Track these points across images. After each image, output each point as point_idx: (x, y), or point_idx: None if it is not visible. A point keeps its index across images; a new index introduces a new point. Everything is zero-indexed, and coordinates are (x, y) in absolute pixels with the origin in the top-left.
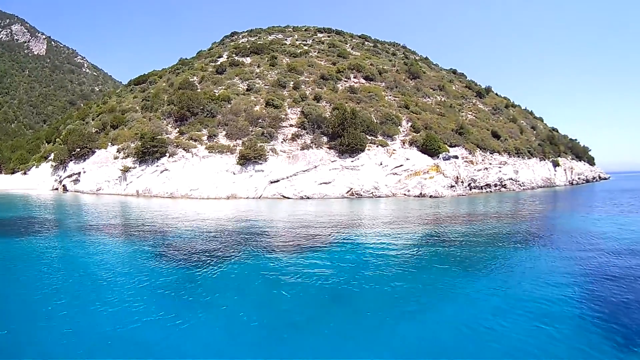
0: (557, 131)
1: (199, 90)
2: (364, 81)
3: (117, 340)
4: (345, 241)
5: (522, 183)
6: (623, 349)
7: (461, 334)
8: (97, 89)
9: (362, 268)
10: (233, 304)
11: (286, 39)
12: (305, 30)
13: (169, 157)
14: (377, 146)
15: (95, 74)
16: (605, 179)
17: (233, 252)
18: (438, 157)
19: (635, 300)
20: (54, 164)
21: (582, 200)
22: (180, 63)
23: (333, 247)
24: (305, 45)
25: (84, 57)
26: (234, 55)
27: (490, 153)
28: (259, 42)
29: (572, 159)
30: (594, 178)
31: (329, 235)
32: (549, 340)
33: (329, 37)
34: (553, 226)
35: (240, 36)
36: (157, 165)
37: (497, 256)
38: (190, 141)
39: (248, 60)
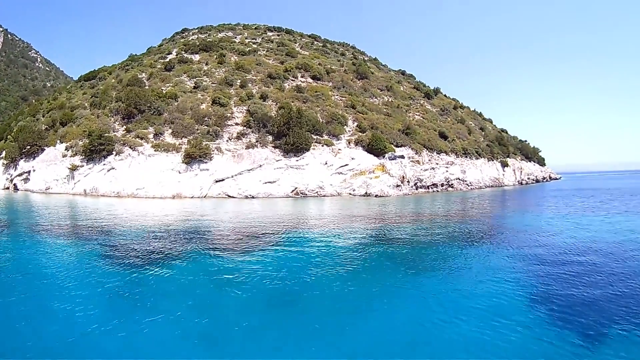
0: (507, 132)
1: (147, 87)
2: (311, 81)
3: (58, 343)
4: (291, 241)
5: (470, 183)
6: (576, 345)
7: (412, 334)
8: (49, 85)
9: (308, 268)
10: (178, 306)
11: (236, 37)
12: (256, 28)
13: (116, 155)
14: (322, 146)
15: (47, 69)
16: (556, 179)
17: (178, 252)
18: (384, 156)
19: (585, 297)
20: (5, 162)
21: (529, 199)
22: (129, 59)
23: (279, 247)
24: (254, 43)
25: (38, 52)
26: (183, 52)
27: (438, 153)
28: (208, 40)
29: (522, 159)
30: (544, 178)
31: (275, 235)
32: (501, 338)
33: (278, 36)
34: (500, 225)
35: (191, 33)
36: (104, 164)
37: (445, 255)
38: (137, 139)
39: (197, 57)
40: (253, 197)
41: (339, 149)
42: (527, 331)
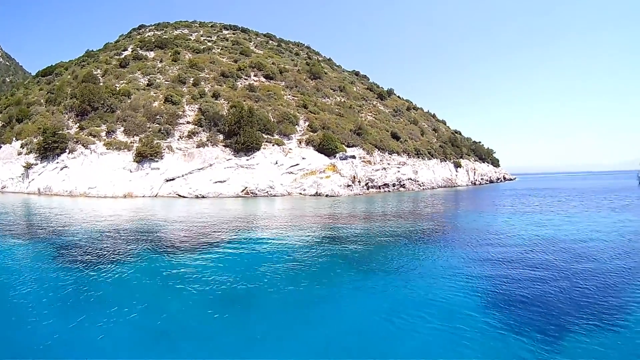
0: (460, 134)
1: (101, 84)
2: (264, 80)
3: (6, 346)
4: (242, 241)
5: (422, 183)
6: (533, 343)
7: (363, 332)
8: (9, 80)
9: (260, 268)
10: (131, 307)
11: (192, 35)
12: (212, 26)
13: (69, 153)
14: (273, 145)
15: (7, 63)
16: (510, 179)
17: (130, 253)
18: (335, 156)
19: (542, 296)
20: None
21: (480, 199)
22: (86, 55)
23: (231, 247)
24: (209, 41)
25: None
26: (138, 49)
27: (389, 153)
28: (164, 37)
29: (475, 160)
30: (498, 179)
31: (227, 234)
32: (454, 337)
33: (234, 34)
34: (452, 224)
35: (147, 29)
36: (58, 162)
37: (397, 255)
38: (90, 137)
39: (152, 54)
40: (203, 197)
41: (290, 149)
42: (482, 330)
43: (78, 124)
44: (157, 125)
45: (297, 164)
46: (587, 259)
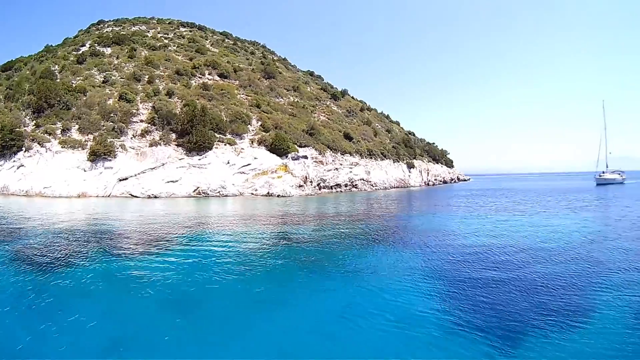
0: (414, 135)
1: (58, 80)
2: (218, 78)
3: None
4: (195, 243)
5: (375, 184)
6: (489, 346)
7: (318, 336)
8: None
9: (212, 269)
10: (85, 311)
11: (149, 31)
12: (169, 23)
13: (25, 151)
14: (225, 145)
15: None
16: (465, 180)
17: (83, 255)
18: (287, 156)
19: (498, 298)
20: None
21: (431, 199)
22: (45, 50)
23: (183, 249)
24: (166, 38)
25: None
26: (96, 44)
27: (342, 154)
28: (122, 33)
29: (429, 161)
30: (452, 179)
31: (179, 236)
32: (409, 339)
33: (190, 31)
34: (404, 225)
35: (106, 25)
36: (14, 161)
37: (349, 256)
38: (45, 135)
39: (109, 50)
40: (156, 197)
41: (242, 148)
42: (438, 331)
43: (35, 121)
44: (111, 123)
45: (249, 164)
46: (545, 260)
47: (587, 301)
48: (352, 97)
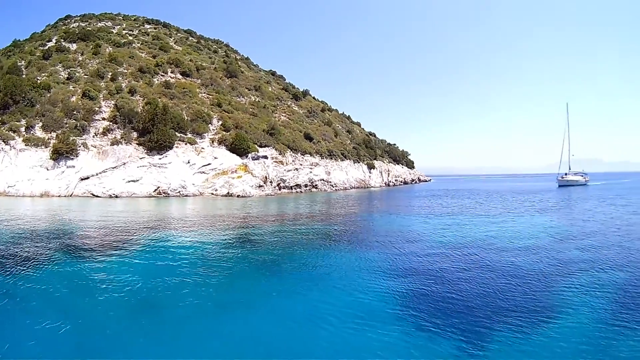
0: (375, 135)
1: (24, 76)
2: (180, 77)
3: None
4: (155, 243)
5: (335, 184)
6: (452, 347)
7: (279, 338)
8: None
9: (172, 271)
10: (45, 314)
11: (114, 27)
12: (135, 19)
13: None
14: (185, 144)
15: None
16: (426, 181)
17: (46, 258)
18: (247, 156)
19: (462, 299)
20: None
21: (391, 200)
22: (12, 45)
23: (143, 250)
24: (130, 35)
25: None
26: (62, 40)
27: (302, 154)
28: (88, 29)
29: (390, 162)
30: (412, 180)
31: (140, 237)
32: (371, 340)
33: (155, 29)
34: (364, 225)
35: (73, 20)
36: None
37: (310, 257)
38: (10, 132)
39: (74, 46)
40: (117, 197)
41: (202, 148)
42: (401, 331)
43: (0, 118)
44: (74, 121)
45: (209, 164)
46: (511, 259)
47: (554, 300)
48: (314, 98)
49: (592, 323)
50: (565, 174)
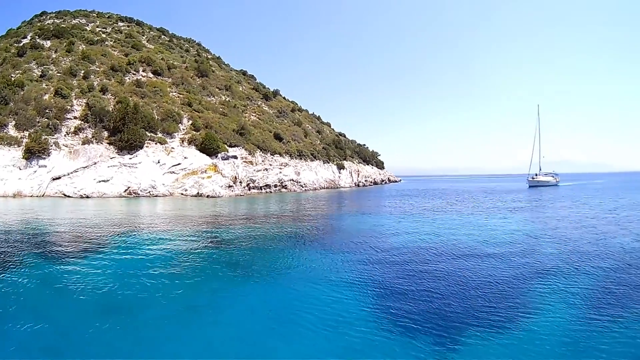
0: (345, 136)
1: None
2: (151, 75)
3: None
4: (125, 244)
5: (304, 184)
6: (424, 351)
7: (248, 340)
8: None
9: (142, 272)
10: (15, 316)
11: (88, 25)
12: (108, 17)
13: None
14: (156, 143)
15: None
16: (396, 181)
17: (17, 260)
18: (217, 156)
19: (433, 301)
20: None
21: (361, 200)
22: None
23: (114, 251)
24: (104, 33)
25: None
26: (37, 37)
27: (272, 154)
28: (62, 26)
29: (359, 162)
30: (382, 181)
31: (110, 239)
32: (341, 342)
33: (128, 26)
34: (334, 226)
35: (48, 17)
36: None
37: (280, 257)
38: None
39: (48, 43)
40: (88, 197)
41: (172, 148)
42: (372, 334)
43: None
44: (47, 119)
45: (179, 164)
46: (484, 260)
47: (529, 297)
48: (284, 98)
49: (567, 320)
50: (536, 175)
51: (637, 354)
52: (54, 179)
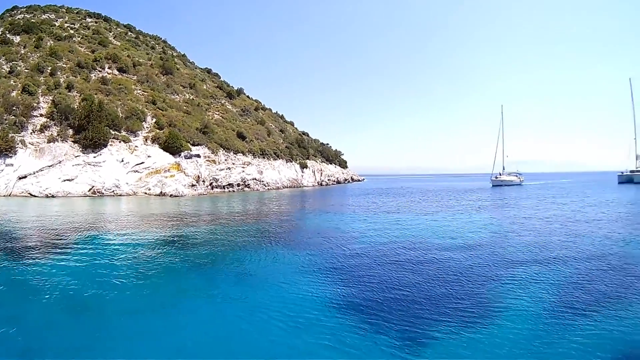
0: (308, 135)
1: None
2: (117, 72)
3: None
4: (91, 245)
5: (267, 183)
6: (391, 349)
7: (207, 337)
8: None
9: (107, 272)
10: None
11: (57, 20)
12: (77, 12)
13: None
14: (120, 142)
15: None
16: (359, 180)
17: None
18: (180, 155)
19: (399, 299)
20: None
21: (324, 199)
22: None
23: (78, 252)
24: (72, 28)
25: None
26: (7, 32)
27: (235, 153)
28: (32, 21)
29: (322, 161)
30: (345, 180)
31: (75, 239)
32: (307, 341)
33: (96, 23)
34: (298, 225)
35: (19, 12)
36: None
37: (243, 257)
38: None
39: (18, 39)
40: (53, 196)
41: (136, 146)
42: (337, 333)
43: None
44: (14, 117)
45: (143, 162)
46: (450, 258)
47: (495, 295)
48: (248, 96)
49: (536, 314)
50: (499, 174)
51: (605, 346)
52: (20, 178)
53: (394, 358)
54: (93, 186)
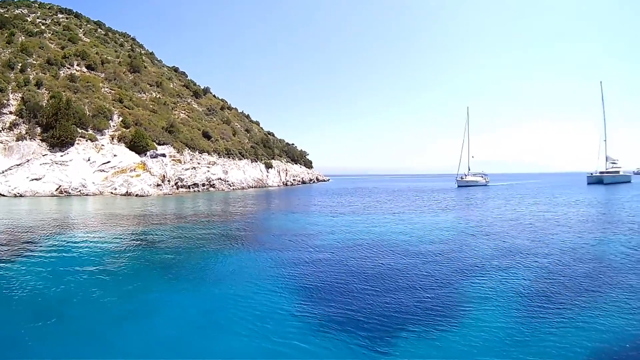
0: (273, 135)
1: None
2: (85, 70)
3: None
4: (56, 246)
5: (232, 183)
6: (361, 350)
7: (173, 340)
8: None
9: (73, 275)
10: None
11: (29, 15)
12: (49, 8)
13: None
14: (86, 141)
15: None
16: (324, 180)
17: None
18: (146, 154)
19: (367, 300)
20: None
21: (289, 200)
22: None
23: (44, 254)
24: (43, 24)
25: None
26: None
27: (200, 153)
28: (5, 15)
29: (288, 161)
30: (311, 180)
31: (43, 239)
32: (273, 343)
33: (67, 19)
34: (262, 226)
35: None
36: None
37: (208, 258)
38: None
39: None
40: (21, 196)
41: (102, 145)
42: (303, 334)
43: None
44: None
45: (109, 162)
46: (416, 257)
47: (462, 297)
48: (214, 96)
49: (504, 316)
50: (465, 175)
51: (572, 347)
52: None
53: (366, 358)
54: (60, 186)
